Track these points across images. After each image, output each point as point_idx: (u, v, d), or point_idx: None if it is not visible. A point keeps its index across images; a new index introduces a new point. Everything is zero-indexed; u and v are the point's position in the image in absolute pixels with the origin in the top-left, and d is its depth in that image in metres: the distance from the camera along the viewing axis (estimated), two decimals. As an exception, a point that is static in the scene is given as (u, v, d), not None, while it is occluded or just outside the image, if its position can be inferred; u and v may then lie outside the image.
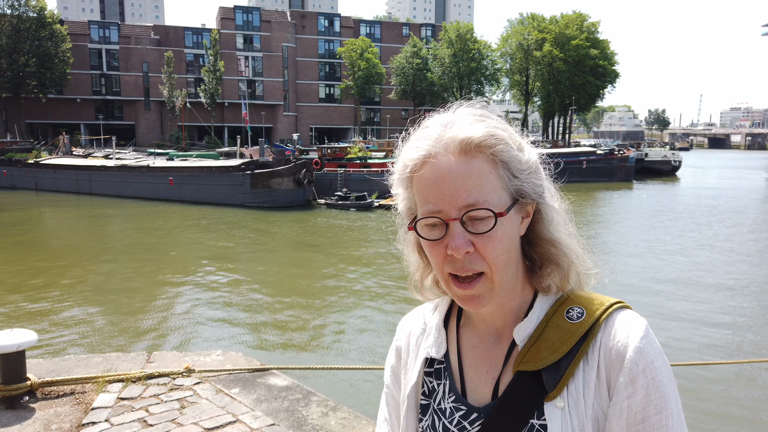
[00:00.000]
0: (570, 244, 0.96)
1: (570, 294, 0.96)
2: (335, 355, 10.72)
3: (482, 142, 0.88)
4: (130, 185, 37.09)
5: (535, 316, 0.95)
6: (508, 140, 0.91)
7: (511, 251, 0.91)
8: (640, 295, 14.47)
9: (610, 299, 0.94)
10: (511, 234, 0.90)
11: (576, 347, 0.89)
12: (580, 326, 0.90)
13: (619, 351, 0.86)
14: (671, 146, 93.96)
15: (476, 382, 0.99)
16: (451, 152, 0.88)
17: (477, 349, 1.01)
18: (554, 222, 0.96)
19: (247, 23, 74.49)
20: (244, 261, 20.09)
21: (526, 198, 0.92)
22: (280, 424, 4.19)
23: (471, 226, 0.87)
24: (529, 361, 0.91)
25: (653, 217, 29.54)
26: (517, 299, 0.97)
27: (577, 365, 0.88)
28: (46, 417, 4.31)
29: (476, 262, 0.88)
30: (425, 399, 1.04)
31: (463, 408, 0.97)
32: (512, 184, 0.90)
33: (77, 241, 23.98)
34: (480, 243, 0.87)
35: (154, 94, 69.23)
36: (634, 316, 0.90)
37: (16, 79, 57.03)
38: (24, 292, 14.76)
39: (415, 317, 1.15)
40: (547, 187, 0.96)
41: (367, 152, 41.84)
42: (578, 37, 67.05)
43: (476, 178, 0.87)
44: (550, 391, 0.88)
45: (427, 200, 0.89)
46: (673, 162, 59.28)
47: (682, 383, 8.95)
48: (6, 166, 43.36)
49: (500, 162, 0.89)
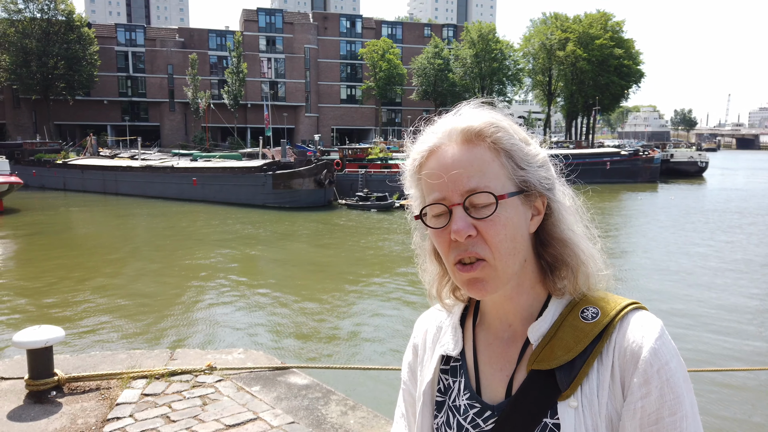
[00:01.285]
0: (580, 243, 0.96)
1: (585, 294, 0.96)
2: (354, 354, 10.75)
3: (483, 129, 0.91)
4: (154, 185, 37.66)
5: (549, 316, 0.95)
6: (509, 129, 0.93)
7: (517, 240, 0.91)
8: (666, 297, 14.24)
9: (626, 300, 0.94)
10: (516, 223, 0.91)
11: (590, 347, 0.89)
12: (594, 326, 0.91)
13: (633, 351, 0.86)
14: (698, 147, 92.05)
15: (490, 380, 0.99)
16: (454, 141, 0.92)
17: (491, 347, 1.02)
18: (564, 220, 0.96)
19: (270, 25, 75.09)
20: (265, 261, 20.26)
21: (532, 190, 0.93)
22: (300, 422, 4.23)
23: (474, 211, 0.89)
24: (543, 360, 0.91)
25: (682, 218, 29.03)
26: (528, 296, 0.97)
27: (591, 365, 0.88)
28: (73, 411, 4.41)
29: (479, 245, 0.89)
30: (441, 396, 1.06)
31: (477, 405, 0.98)
32: (517, 174, 0.92)
33: (104, 240, 24.44)
34: (482, 227, 0.89)
35: (178, 95, 70.22)
36: (649, 316, 0.90)
37: (46, 82, 58.27)
38: (52, 290, 15.09)
39: (432, 315, 1.16)
40: (557, 184, 0.97)
41: (388, 153, 41.81)
42: (602, 37, 66.13)
43: (478, 164, 0.90)
44: (564, 391, 0.88)
45: (432, 189, 0.92)
46: (700, 163, 58.16)
47: (705, 388, 8.79)
48: (35, 166, 44.33)
49: (502, 150, 0.91)
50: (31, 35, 57.26)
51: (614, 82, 67.20)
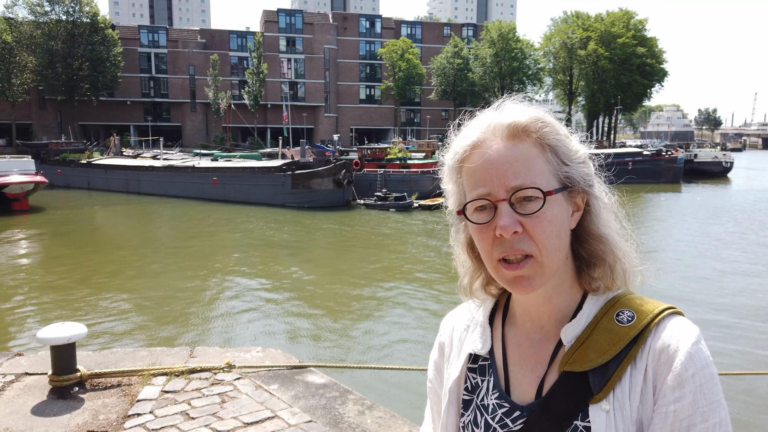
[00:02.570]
0: (617, 240, 0.95)
1: (621, 297, 0.95)
2: (372, 354, 10.76)
3: (529, 125, 0.90)
4: (176, 185, 38.13)
5: (584, 318, 0.94)
6: (556, 125, 0.93)
7: (562, 237, 0.91)
8: (697, 300, 14.01)
9: (663, 304, 0.92)
10: (561, 219, 0.90)
11: (625, 351, 0.88)
12: (630, 330, 0.89)
13: (669, 355, 0.85)
14: (722, 147, 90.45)
15: (520, 381, 0.99)
16: (499, 137, 0.91)
17: (522, 347, 1.01)
18: (602, 217, 0.95)
19: (290, 26, 75.51)
20: (283, 260, 20.38)
21: (575, 186, 0.92)
22: (318, 421, 4.24)
23: (520, 207, 0.88)
24: (576, 362, 0.90)
25: (710, 218, 28.52)
26: (565, 296, 0.97)
27: (625, 369, 0.87)
28: (94, 407, 4.48)
29: (525, 242, 0.88)
30: (468, 394, 1.05)
31: (506, 405, 0.97)
32: (561, 170, 0.91)
33: (126, 238, 24.80)
34: (529, 224, 0.88)
35: (200, 96, 70.97)
36: (686, 322, 0.89)
37: (71, 83, 59.33)
38: (75, 286, 15.36)
39: (459, 313, 1.15)
40: (596, 180, 0.97)
41: (407, 153, 41.77)
42: (625, 35, 65.24)
43: (524, 160, 0.89)
44: (596, 394, 0.87)
45: (477, 184, 0.91)
46: (725, 163, 57.11)
47: (734, 393, 8.62)
48: (61, 166, 45.17)
49: (548, 146, 0.90)
50: (57, 37, 58.36)
51: (636, 81, 66.23)
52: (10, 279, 16.39)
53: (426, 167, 37.08)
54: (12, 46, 56.11)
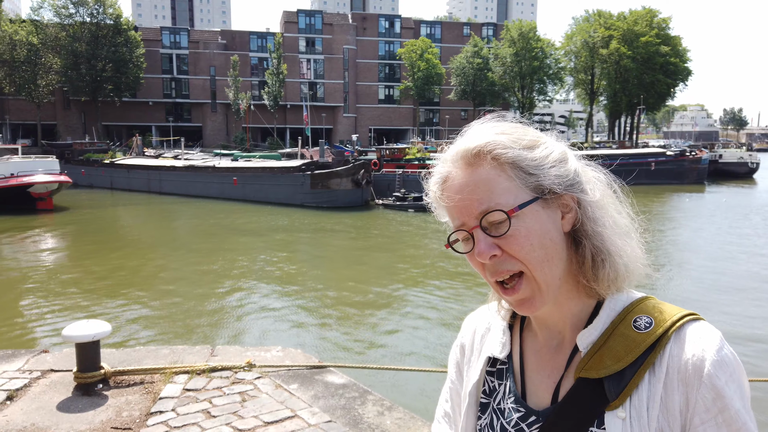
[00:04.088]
0: (609, 238, 0.93)
1: (639, 303, 0.94)
2: (391, 355, 10.75)
3: (480, 150, 0.91)
4: (196, 185, 38.55)
5: (600, 323, 0.93)
6: (507, 142, 0.92)
7: (547, 247, 0.90)
8: (725, 304, 13.76)
9: (682, 310, 0.91)
10: (541, 230, 0.89)
11: (642, 357, 0.87)
12: (647, 336, 0.88)
13: (696, 365, 0.83)
14: (748, 147, 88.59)
15: (537, 386, 0.99)
16: (459, 167, 0.92)
17: (540, 353, 1.01)
18: (593, 216, 0.94)
19: (310, 26, 75.90)
20: (302, 260, 20.47)
21: (549, 192, 0.91)
22: (337, 421, 4.24)
23: (493, 230, 0.89)
24: (592, 369, 0.90)
25: (740, 220, 27.97)
26: (576, 301, 0.96)
27: (642, 376, 0.86)
28: (118, 404, 4.54)
29: (507, 262, 0.90)
30: (485, 397, 1.06)
31: (522, 410, 0.98)
32: (529, 182, 0.90)
33: (149, 237, 25.14)
34: (505, 244, 0.89)
35: (220, 96, 71.68)
36: (708, 327, 0.87)
37: (94, 84, 60.35)
38: (98, 285, 15.61)
39: (480, 315, 1.16)
40: (580, 177, 0.95)
41: (426, 153, 41.69)
42: (648, 34, 64.30)
43: (484, 184, 0.90)
44: (612, 401, 0.86)
45: (452, 217, 0.94)
46: (750, 164, 56.01)
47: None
48: (84, 165, 45.96)
49: (506, 164, 0.90)
50: (81, 39, 59.40)
51: (660, 80, 65.23)
52: (35, 277, 16.72)
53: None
54: (38, 48, 57.27)
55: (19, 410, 4.41)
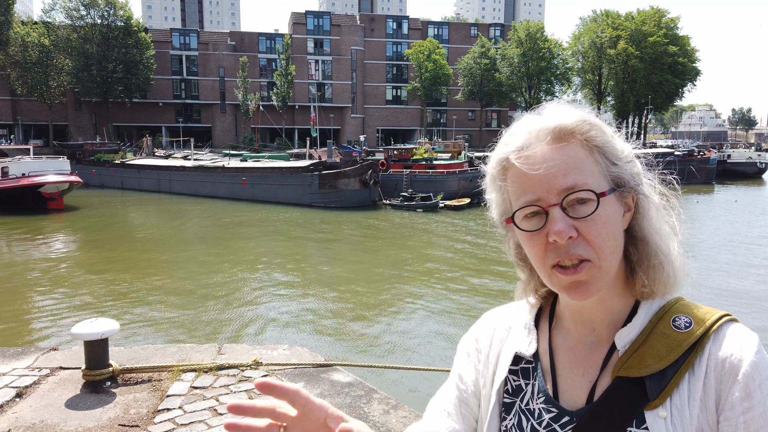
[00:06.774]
0: (661, 242, 0.92)
1: (675, 303, 0.93)
2: (397, 354, 10.77)
3: (576, 127, 0.88)
4: (206, 185, 38.77)
5: (638, 322, 0.91)
6: (602, 126, 0.91)
7: (617, 239, 0.88)
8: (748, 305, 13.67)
9: (719, 311, 0.90)
10: (616, 220, 0.88)
11: (683, 357, 0.86)
12: (687, 336, 0.87)
13: (733, 364, 0.83)
14: (757, 147, 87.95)
15: (570, 385, 0.96)
16: (544, 141, 0.88)
17: (573, 351, 0.98)
18: (649, 217, 0.92)
19: (318, 27, 76.06)
20: (310, 259, 20.53)
21: (625, 187, 0.90)
22: (342, 419, 4.26)
23: (572, 210, 0.86)
24: (632, 367, 0.88)
25: (756, 219, 27.75)
26: (618, 299, 0.95)
27: (683, 376, 0.85)
28: (126, 402, 4.59)
29: (581, 246, 0.85)
30: (509, 397, 1.01)
31: (554, 410, 0.95)
32: (611, 171, 0.89)
33: (158, 237, 25.29)
34: (583, 227, 0.85)
35: (229, 97, 71.97)
36: (745, 330, 0.87)
37: (105, 85, 60.80)
38: (107, 283, 15.74)
39: (501, 313, 1.12)
40: (644, 179, 0.94)
41: (433, 153, 41.63)
42: (656, 34, 63.94)
43: (573, 162, 0.86)
44: (653, 400, 0.85)
45: (524, 191, 0.88)
46: (759, 164, 55.68)
47: None
48: (95, 166, 46.34)
49: (595, 147, 0.88)
50: (92, 41, 59.87)
51: (668, 80, 64.89)
52: (45, 276, 16.88)
53: (452, 168, 36.92)
54: (50, 50, 57.81)
55: (28, 407, 4.47)
